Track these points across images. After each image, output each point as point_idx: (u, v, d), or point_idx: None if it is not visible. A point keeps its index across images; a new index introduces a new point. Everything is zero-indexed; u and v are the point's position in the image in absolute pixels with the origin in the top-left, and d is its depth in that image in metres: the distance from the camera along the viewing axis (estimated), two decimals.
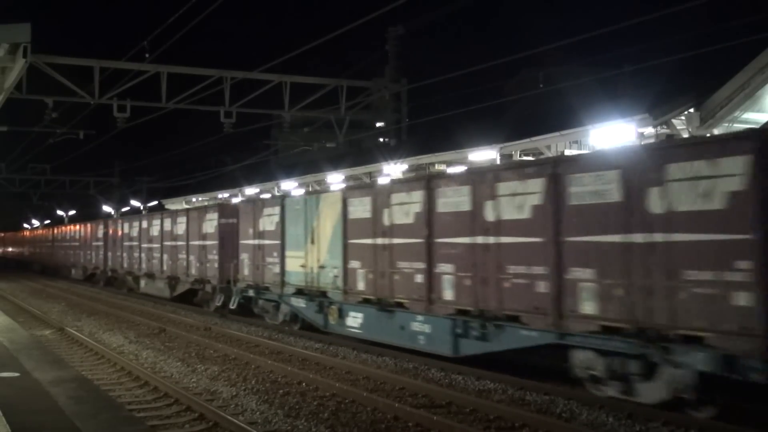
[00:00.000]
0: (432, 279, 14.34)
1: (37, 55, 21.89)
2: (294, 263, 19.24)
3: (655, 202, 10.12)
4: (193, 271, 26.67)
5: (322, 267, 18.01)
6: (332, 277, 17.53)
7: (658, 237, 10.12)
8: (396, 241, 15.44)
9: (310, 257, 18.52)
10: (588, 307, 11.14)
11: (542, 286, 11.93)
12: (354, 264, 16.78)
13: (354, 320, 17.16)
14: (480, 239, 13.21)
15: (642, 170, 10.38)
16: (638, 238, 10.40)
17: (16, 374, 12.05)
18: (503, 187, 12.78)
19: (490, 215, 13.01)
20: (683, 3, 15.29)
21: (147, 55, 23.69)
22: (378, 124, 43.27)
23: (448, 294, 14.01)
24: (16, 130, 34.01)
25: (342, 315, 17.54)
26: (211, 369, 14.84)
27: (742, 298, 9.17)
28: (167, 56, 25.90)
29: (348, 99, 28.31)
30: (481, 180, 13.34)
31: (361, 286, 16.57)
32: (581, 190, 11.33)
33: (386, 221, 15.72)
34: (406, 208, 15.25)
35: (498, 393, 12.34)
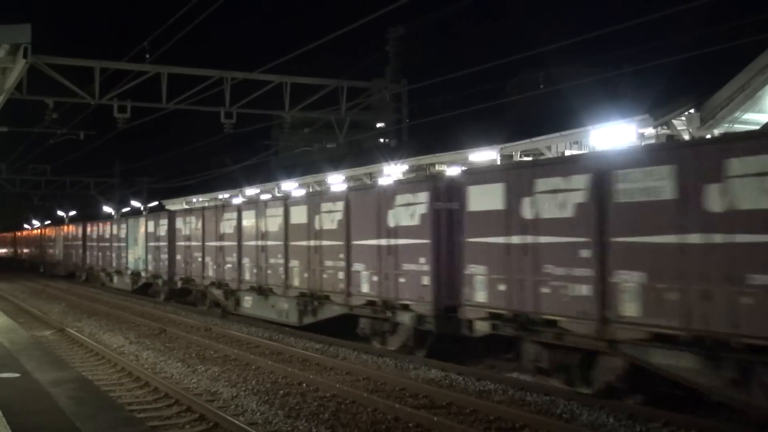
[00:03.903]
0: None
1: (37, 55, 21.83)
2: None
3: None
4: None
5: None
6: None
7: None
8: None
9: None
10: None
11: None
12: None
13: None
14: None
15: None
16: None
17: (17, 375, 12.06)
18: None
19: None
20: (684, 3, 15.29)
21: (147, 56, 23.64)
22: (378, 125, 43.27)
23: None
24: (16, 131, 34.01)
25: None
26: (212, 370, 14.85)
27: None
28: (168, 57, 25.79)
29: (348, 99, 28.24)
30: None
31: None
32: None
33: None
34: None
35: (498, 394, 12.35)
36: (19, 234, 76.79)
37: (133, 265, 33.89)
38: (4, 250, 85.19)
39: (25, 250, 69.27)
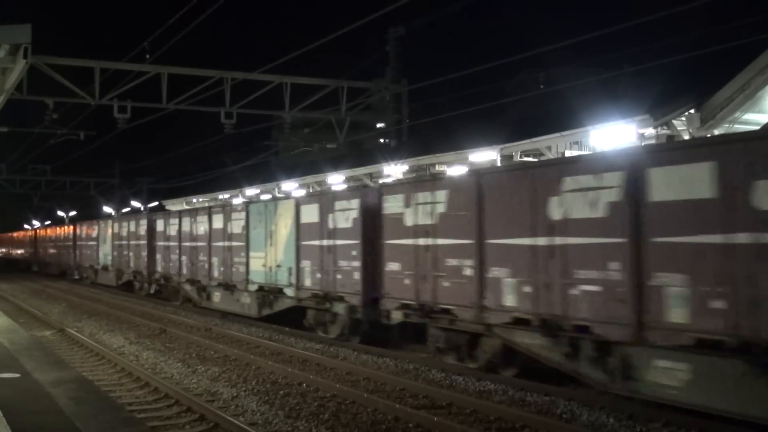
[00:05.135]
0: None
1: (37, 56, 21.82)
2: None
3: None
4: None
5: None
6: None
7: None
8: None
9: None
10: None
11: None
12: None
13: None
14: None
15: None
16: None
17: (17, 375, 12.05)
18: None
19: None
20: (684, 4, 15.30)
21: (147, 56, 23.64)
22: (378, 125, 43.31)
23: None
24: (16, 131, 34.02)
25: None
26: (212, 370, 14.85)
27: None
28: (168, 57, 25.83)
29: (348, 100, 28.23)
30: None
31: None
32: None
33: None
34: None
35: (498, 394, 12.34)
36: (41, 232, 63.31)
37: (264, 276, 22.02)
38: (20, 251, 74.86)
39: (51, 251, 56.52)
